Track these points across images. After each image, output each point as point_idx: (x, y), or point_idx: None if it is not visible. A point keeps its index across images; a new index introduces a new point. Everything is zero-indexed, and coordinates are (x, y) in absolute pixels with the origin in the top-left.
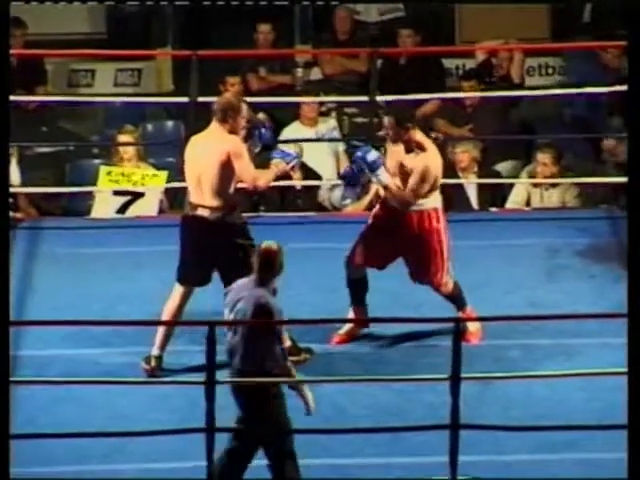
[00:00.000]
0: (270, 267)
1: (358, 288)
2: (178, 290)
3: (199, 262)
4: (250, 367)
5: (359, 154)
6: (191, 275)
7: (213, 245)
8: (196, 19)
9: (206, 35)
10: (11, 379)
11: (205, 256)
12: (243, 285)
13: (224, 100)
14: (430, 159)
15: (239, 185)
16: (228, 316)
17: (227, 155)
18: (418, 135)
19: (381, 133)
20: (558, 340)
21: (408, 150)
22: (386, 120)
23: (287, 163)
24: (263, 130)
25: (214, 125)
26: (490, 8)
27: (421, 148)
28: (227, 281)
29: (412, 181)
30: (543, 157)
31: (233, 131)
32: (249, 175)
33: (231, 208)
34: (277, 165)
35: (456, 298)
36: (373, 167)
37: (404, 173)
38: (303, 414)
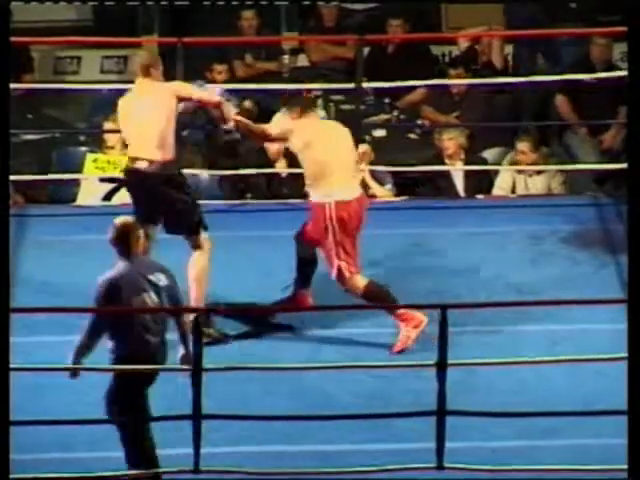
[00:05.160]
0: (128, 240)
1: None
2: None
3: (145, 212)
4: None
5: None
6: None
7: (151, 197)
8: (181, 5)
9: (191, 22)
10: (16, 366)
11: (148, 207)
12: (142, 265)
13: (144, 57)
14: (303, 127)
15: None
16: (155, 297)
17: (173, 93)
18: (309, 116)
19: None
20: (544, 326)
21: None
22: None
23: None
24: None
25: (140, 81)
26: None
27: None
28: (169, 230)
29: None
30: (521, 145)
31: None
32: (201, 94)
33: (170, 161)
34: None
35: (373, 298)
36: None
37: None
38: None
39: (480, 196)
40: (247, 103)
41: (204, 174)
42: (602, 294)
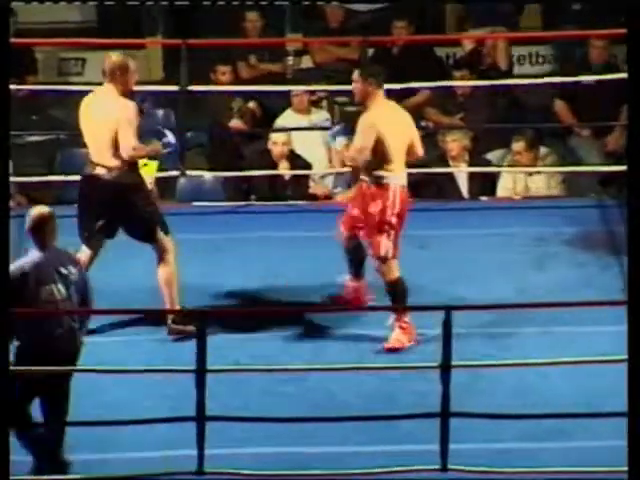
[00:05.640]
0: (43, 230)
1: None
2: (85, 252)
3: (98, 220)
4: None
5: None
6: (93, 234)
7: (110, 204)
8: (185, 7)
9: (195, 23)
10: (17, 368)
11: (103, 214)
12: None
13: (111, 61)
14: (373, 115)
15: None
16: (62, 289)
17: (117, 122)
18: (379, 95)
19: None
20: (548, 328)
21: (366, 109)
22: (355, 73)
23: (164, 147)
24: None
25: (106, 86)
26: None
27: (371, 105)
28: (132, 236)
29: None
30: (516, 146)
31: (125, 88)
32: (127, 144)
33: (129, 168)
34: (155, 146)
35: (396, 293)
36: (332, 137)
37: None
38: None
39: (484, 198)
40: (251, 104)
41: (208, 175)
42: (606, 296)
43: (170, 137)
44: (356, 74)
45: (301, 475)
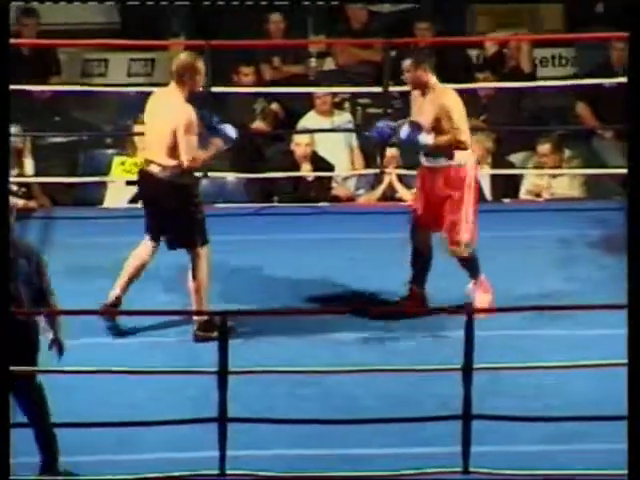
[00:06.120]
0: None
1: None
2: (147, 243)
3: (153, 217)
4: None
5: (404, 137)
6: (152, 229)
7: (160, 203)
8: (208, 9)
9: (218, 25)
10: (20, 368)
11: (155, 212)
12: None
13: (179, 61)
14: (452, 94)
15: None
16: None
17: (176, 128)
18: (433, 78)
19: (403, 78)
20: (570, 330)
21: (424, 94)
22: (406, 63)
23: (225, 143)
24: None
25: (172, 86)
26: None
27: (433, 88)
28: (170, 242)
29: (452, 122)
30: (542, 148)
31: (192, 90)
32: (188, 153)
33: (184, 169)
34: (215, 145)
35: (470, 263)
36: (411, 140)
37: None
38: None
39: (507, 200)
40: (274, 106)
41: (230, 177)
42: None
43: (229, 130)
44: (408, 63)
45: (323, 477)
